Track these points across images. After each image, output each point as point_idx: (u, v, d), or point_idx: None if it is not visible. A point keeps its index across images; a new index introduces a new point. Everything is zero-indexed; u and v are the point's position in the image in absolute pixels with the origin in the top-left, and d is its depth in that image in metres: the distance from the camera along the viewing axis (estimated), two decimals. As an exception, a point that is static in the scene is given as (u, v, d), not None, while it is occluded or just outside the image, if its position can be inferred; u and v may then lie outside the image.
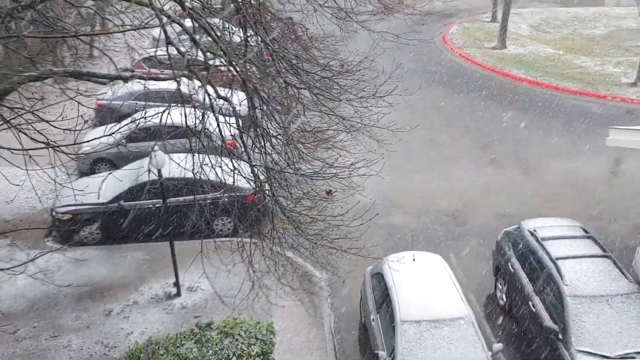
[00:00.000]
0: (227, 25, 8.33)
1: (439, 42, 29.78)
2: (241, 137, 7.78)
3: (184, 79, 6.68)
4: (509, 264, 12.01)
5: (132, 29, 6.59)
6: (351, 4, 7.96)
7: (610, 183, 17.11)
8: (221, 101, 7.17)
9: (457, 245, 14.07)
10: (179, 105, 6.98)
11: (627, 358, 9.47)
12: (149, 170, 10.11)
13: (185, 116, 7.01)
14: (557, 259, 10.93)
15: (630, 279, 10.68)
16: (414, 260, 11.02)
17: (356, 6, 8.05)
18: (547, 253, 11.15)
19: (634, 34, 30.06)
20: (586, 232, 11.98)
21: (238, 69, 7.01)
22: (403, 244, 13.58)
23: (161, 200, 11.51)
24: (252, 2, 7.80)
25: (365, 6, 8.43)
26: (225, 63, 7.14)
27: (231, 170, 7.56)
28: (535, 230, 11.89)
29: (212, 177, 7.70)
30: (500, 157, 18.35)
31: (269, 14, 8.24)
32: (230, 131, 7.97)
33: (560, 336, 9.87)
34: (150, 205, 13.64)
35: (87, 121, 7.22)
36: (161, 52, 8.54)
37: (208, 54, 7.01)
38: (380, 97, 8.66)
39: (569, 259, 10.96)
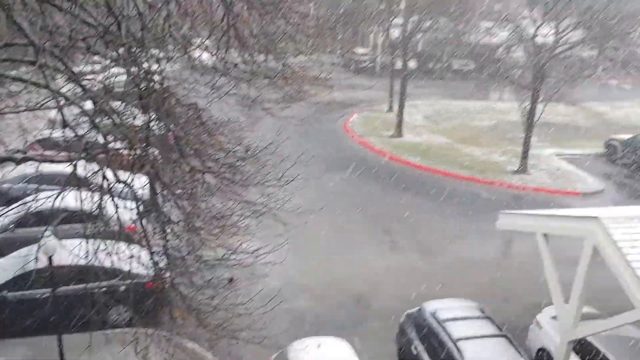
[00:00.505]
0: (129, 109, 8.24)
1: (341, 130, 30.99)
2: (141, 223, 7.53)
3: (81, 162, 6.46)
4: (413, 346, 12.12)
5: (26, 110, 6.35)
6: (256, 92, 8.17)
7: (503, 264, 18.02)
8: (121, 185, 6.96)
9: (362, 329, 14.05)
10: (75, 188, 6.70)
11: None
12: (37, 258, 9.44)
13: (81, 200, 6.72)
14: (458, 340, 11.22)
15: (524, 357, 11.12)
16: (319, 346, 10.83)
17: (261, 94, 8.27)
18: (448, 334, 11.41)
19: (516, 126, 32.71)
20: (483, 312, 12.45)
21: (139, 153, 6.89)
22: (308, 329, 13.37)
23: (50, 290, 10.72)
24: (156, 86, 7.80)
25: (270, 94, 8.66)
26: (126, 147, 7.00)
27: (128, 257, 7.24)
28: (436, 312, 12.18)
29: (108, 263, 7.32)
30: (401, 241, 18.91)
31: (174, 99, 8.26)
32: (129, 216, 7.70)
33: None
34: (38, 296, 12.64)
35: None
36: (57, 134, 8.24)
37: (108, 137, 6.86)
38: (286, 182, 8.77)
39: (468, 339, 11.27)
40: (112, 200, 6.92)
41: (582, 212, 12.44)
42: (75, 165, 6.38)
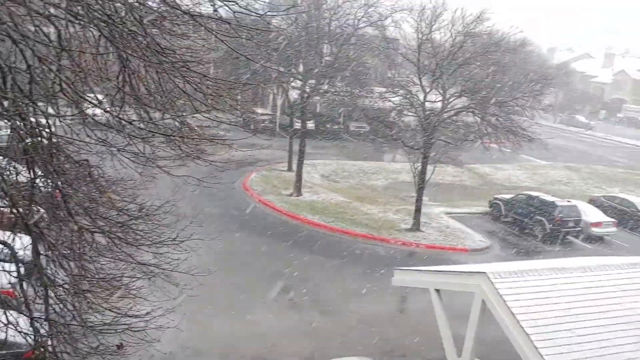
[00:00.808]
0: (12, 164, 7.76)
1: (240, 189, 30.87)
2: (21, 287, 6.99)
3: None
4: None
5: None
6: (151, 149, 8.00)
7: (399, 320, 18.38)
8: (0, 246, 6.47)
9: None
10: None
11: None
12: None
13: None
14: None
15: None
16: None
17: (157, 152, 8.11)
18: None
19: (409, 186, 34.21)
20: (381, 370, 12.51)
21: (21, 211, 6.47)
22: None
23: None
24: (44, 141, 7.44)
25: (166, 151, 8.50)
26: (7, 204, 6.55)
27: (5, 325, 6.65)
28: (334, 372, 12.11)
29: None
30: (300, 299, 18.82)
31: (63, 155, 7.90)
32: (8, 279, 7.13)
33: None
34: None
35: None
36: None
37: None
38: (181, 242, 8.52)
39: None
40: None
41: (471, 267, 13.08)
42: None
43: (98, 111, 7.84)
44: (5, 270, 6.83)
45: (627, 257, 17.01)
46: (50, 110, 7.40)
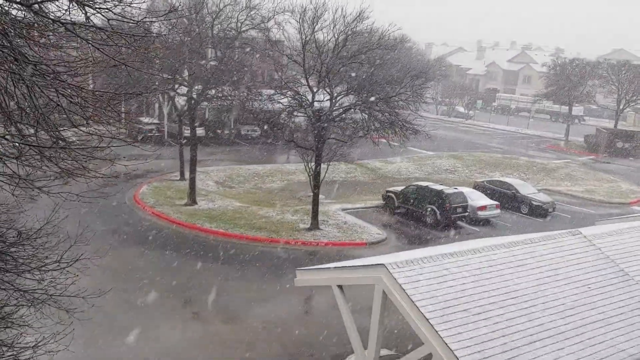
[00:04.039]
0: None
1: (130, 202, 29.66)
2: None
3: None
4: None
5: None
6: (25, 169, 7.43)
7: (305, 320, 18.47)
8: None
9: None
10: None
11: None
12: None
13: None
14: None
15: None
16: None
17: (32, 171, 7.55)
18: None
19: (304, 186, 34.58)
20: (290, 371, 12.51)
21: None
22: None
23: None
24: None
25: (44, 171, 7.94)
26: None
27: None
28: (244, 380, 11.95)
29: None
30: (203, 310, 18.38)
31: None
32: None
33: None
34: None
35: None
36: None
37: None
38: (68, 264, 8.00)
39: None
40: None
41: (370, 260, 13.40)
42: None
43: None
44: None
45: (510, 236, 18.22)
46: None
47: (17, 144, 7.45)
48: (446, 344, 9.54)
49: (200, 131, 39.93)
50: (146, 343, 15.93)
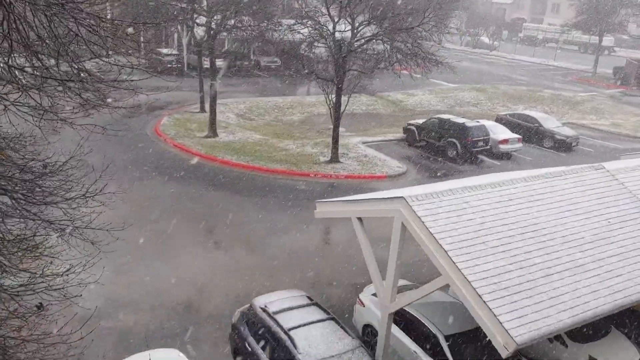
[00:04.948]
0: None
1: (152, 134, 29.87)
2: None
3: None
4: (246, 343, 12.15)
5: None
6: (49, 100, 7.46)
7: (325, 251, 18.84)
8: None
9: (195, 335, 13.75)
10: None
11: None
12: None
13: None
14: (290, 329, 11.51)
15: (352, 336, 11.78)
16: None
17: (55, 102, 7.58)
18: (280, 325, 11.65)
19: (324, 119, 34.42)
20: (311, 299, 12.92)
21: None
22: (137, 345, 12.74)
23: None
24: None
25: (66, 101, 7.98)
26: None
27: None
28: (266, 306, 12.36)
29: None
30: (225, 240, 18.82)
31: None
32: None
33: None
34: None
35: None
36: None
37: None
38: (92, 196, 8.16)
39: (299, 327, 11.61)
40: None
41: (390, 193, 13.46)
42: None
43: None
44: None
45: (531, 170, 18.09)
46: None
47: (38, 74, 7.46)
48: (463, 275, 9.69)
49: (220, 62, 39.53)
50: (170, 272, 16.45)
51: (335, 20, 25.31)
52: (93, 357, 7.86)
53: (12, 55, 7.44)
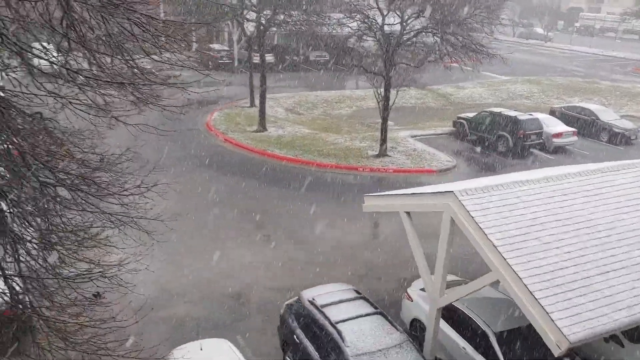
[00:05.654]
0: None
1: (203, 129, 30.46)
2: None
3: None
4: (295, 335, 12.28)
5: None
6: (103, 98, 7.74)
7: (373, 245, 18.81)
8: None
9: (244, 326, 14.00)
10: None
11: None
12: None
13: None
14: (337, 322, 11.56)
15: (400, 330, 11.72)
16: (201, 349, 10.66)
17: (111, 99, 7.85)
18: (327, 319, 11.71)
19: (373, 112, 34.26)
20: (358, 293, 12.93)
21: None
22: (189, 334, 13.08)
23: None
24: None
25: (120, 99, 8.25)
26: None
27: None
28: (314, 299, 12.44)
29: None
30: (274, 233, 19.04)
31: (13, 110, 7.62)
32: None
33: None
34: None
35: None
36: None
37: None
38: (146, 189, 8.42)
39: (347, 321, 11.65)
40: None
41: (439, 187, 13.32)
42: None
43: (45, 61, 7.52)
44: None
45: (587, 164, 17.54)
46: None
47: (96, 74, 7.73)
48: (514, 271, 9.51)
49: (269, 57, 39.88)
50: (220, 264, 16.77)
51: (384, 13, 25.14)
52: (146, 345, 8.12)
53: (70, 54, 7.75)
